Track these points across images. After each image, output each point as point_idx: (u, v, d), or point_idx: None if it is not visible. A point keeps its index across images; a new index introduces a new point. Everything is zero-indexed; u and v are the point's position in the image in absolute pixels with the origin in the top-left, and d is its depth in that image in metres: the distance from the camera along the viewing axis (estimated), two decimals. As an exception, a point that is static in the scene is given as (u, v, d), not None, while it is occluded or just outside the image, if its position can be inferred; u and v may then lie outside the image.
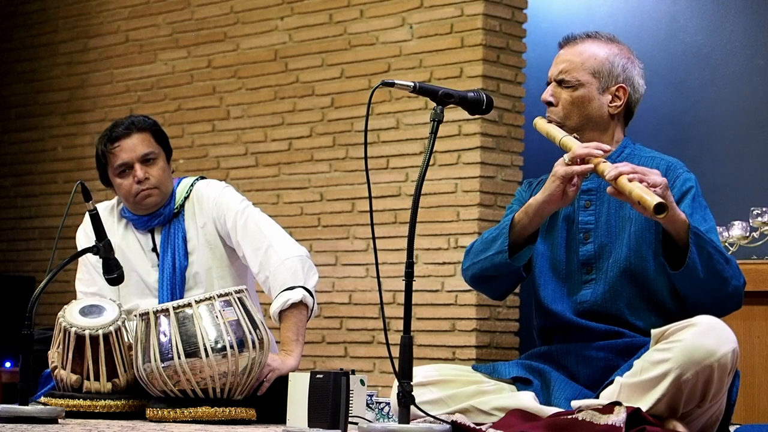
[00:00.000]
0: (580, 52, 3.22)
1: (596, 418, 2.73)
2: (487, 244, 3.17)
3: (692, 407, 2.85)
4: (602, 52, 3.21)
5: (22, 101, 7.79)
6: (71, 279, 4.09)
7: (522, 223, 3.11)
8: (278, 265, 3.79)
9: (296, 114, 6.43)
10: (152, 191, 3.89)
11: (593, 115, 3.20)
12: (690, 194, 3.10)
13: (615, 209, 3.17)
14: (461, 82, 5.78)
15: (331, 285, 6.14)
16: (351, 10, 6.26)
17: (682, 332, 2.83)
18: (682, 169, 3.16)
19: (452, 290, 5.77)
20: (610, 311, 3.12)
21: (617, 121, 3.24)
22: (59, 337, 3.59)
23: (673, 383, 2.80)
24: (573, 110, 3.20)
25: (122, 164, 3.87)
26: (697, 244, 2.92)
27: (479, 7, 5.81)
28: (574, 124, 3.20)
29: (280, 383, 3.57)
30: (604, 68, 3.20)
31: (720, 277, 2.97)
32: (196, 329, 3.45)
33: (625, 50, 3.25)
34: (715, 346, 2.78)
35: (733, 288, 3.00)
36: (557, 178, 3.04)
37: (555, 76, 3.24)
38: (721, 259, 2.97)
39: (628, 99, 3.22)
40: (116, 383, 3.59)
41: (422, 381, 3.08)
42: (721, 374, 2.80)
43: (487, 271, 3.18)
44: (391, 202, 6.00)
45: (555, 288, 3.21)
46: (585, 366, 3.12)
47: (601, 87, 3.20)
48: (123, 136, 3.87)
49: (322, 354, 6.19)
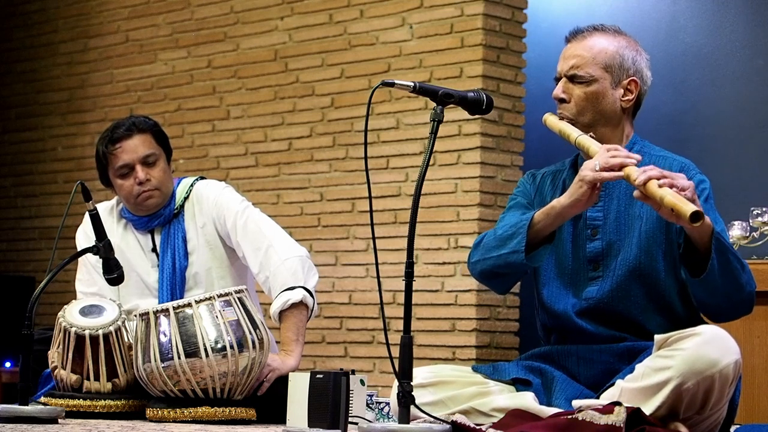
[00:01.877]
0: (590, 46, 3.17)
1: (596, 418, 2.73)
2: (502, 241, 3.10)
3: (692, 414, 2.84)
4: (612, 45, 3.16)
5: (22, 101, 7.79)
6: (71, 279, 4.09)
7: (542, 224, 3.05)
8: (278, 266, 3.79)
9: (296, 114, 6.43)
10: (153, 192, 3.89)
11: (607, 111, 3.15)
12: (703, 196, 3.06)
13: (624, 206, 3.13)
14: (461, 82, 5.77)
15: (331, 285, 6.14)
16: (351, 10, 6.26)
17: (685, 341, 2.82)
18: (695, 171, 3.13)
19: (452, 290, 5.77)
20: (616, 310, 3.10)
21: (627, 116, 3.21)
22: (59, 337, 3.58)
23: (673, 391, 2.79)
24: (587, 106, 3.15)
25: (123, 165, 3.87)
26: (719, 250, 2.88)
27: (479, 7, 5.81)
28: (587, 120, 3.15)
29: (280, 383, 3.57)
30: (615, 62, 3.15)
31: (737, 284, 2.94)
32: (196, 329, 3.45)
33: (632, 42, 3.21)
34: (718, 356, 2.77)
35: (747, 294, 2.97)
36: (585, 183, 2.98)
37: (566, 72, 3.17)
38: (738, 265, 2.93)
39: (639, 92, 3.18)
40: (116, 383, 3.59)
41: (421, 383, 3.06)
42: (722, 385, 2.79)
43: (500, 268, 3.13)
44: (391, 202, 6.00)
45: (559, 285, 3.18)
46: (585, 367, 3.11)
47: (613, 81, 3.15)
48: (124, 137, 3.87)
49: (322, 354, 6.19)
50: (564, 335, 3.18)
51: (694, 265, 2.95)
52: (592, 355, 3.10)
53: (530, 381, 3.10)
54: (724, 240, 2.91)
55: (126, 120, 3.94)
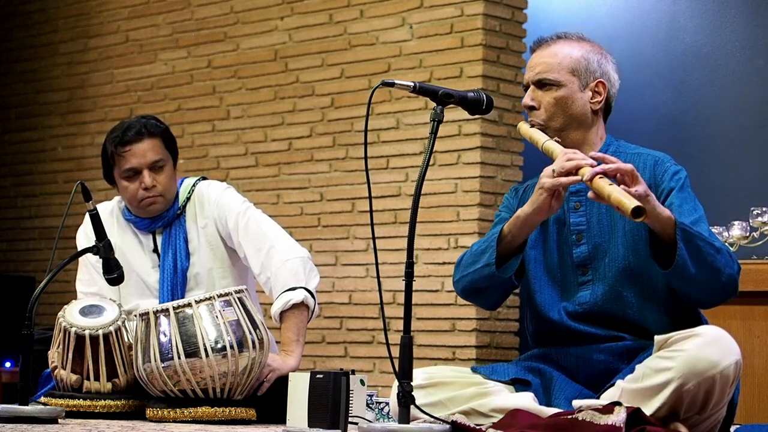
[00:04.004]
0: (555, 52, 3.22)
1: (596, 418, 2.73)
2: (476, 256, 3.16)
3: (692, 414, 2.85)
4: (576, 50, 3.21)
5: (22, 101, 7.78)
6: (71, 279, 4.09)
7: (511, 235, 3.11)
8: (280, 266, 3.79)
9: (296, 114, 6.43)
10: (157, 199, 3.88)
11: (577, 114, 3.19)
12: (678, 186, 3.09)
13: (606, 208, 3.14)
14: (461, 82, 5.77)
15: (331, 285, 6.14)
16: (351, 10, 6.26)
17: (685, 342, 2.82)
18: (670, 163, 3.15)
19: (452, 290, 5.75)
20: (610, 312, 3.11)
21: (599, 117, 3.24)
22: (59, 337, 3.58)
23: (674, 392, 2.79)
24: (557, 111, 3.18)
25: (130, 168, 3.86)
26: (685, 240, 2.90)
27: (479, 7, 5.81)
28: (558, 125, 3.19)
29: (280, 383, 3.57)
30: (581, 65, 3.19)
31: (713, 269, 2.95)
32: (196, 329, 3.45)
33: (596, 47, 3.26)
34: (719, 358, 2.78)
35: (728, 277, 2.97)
36: (545, 191, 3.02)
37: (532, 79, 3.22)
38: (711, 250, 2.94)
39: (608, 94, 3.22)
40: (116, 383, 3.59)
41: (421, 383, 3.06)
42: (723, 385, 2.80)
43: (477, 283, 3.18)
44: (391, 202, 6.00)
45: (551, 293, 3.19)
46: (585, 368, 3.11)
47: (581, 85, 3.19)
48: (134, 140, 3.85)
49: (322, 354, 6.19)
50: (561, 339, 3.18)
51: (663, 257, 2.96)
52: (591, 355, 3.11)
53: (529, 381, 3.10)
54: (690, 229, 2.92)
55: (137, 122, 3.90)
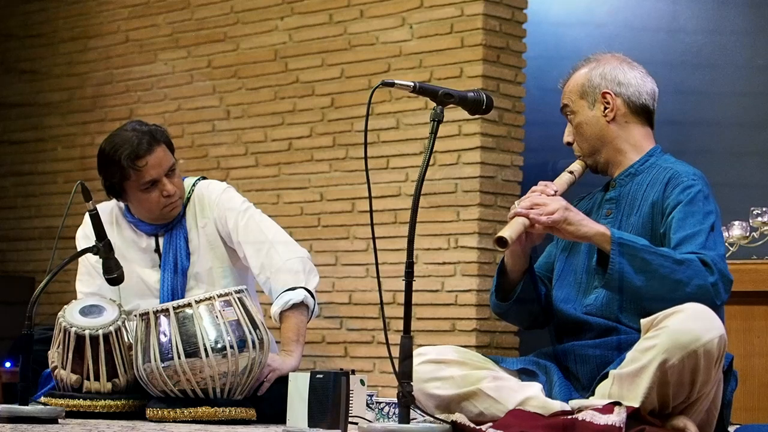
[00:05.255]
0: (570, 85, 3.32)
1: (596, 418, 2.73)
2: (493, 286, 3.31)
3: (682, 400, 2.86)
4: (580, 74, 3.29)
5: (22, 101, 7.78)
6: (71, 279, 4.09)
7: (508, 267, 3.25)
8: (280, 266, 3.79)
9: (296, 114, 6.43)
10: (177, 202, 3.90)
11: (594, 134, 3.25)
12: (687, 200, 3.10)
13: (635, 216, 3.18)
14: (461, 82, 5.77)
15: (331, 285, 6.14)
16: (351, 10, 6.26)
17: (669, 318, 2.86)
18: (686, 177, 3.15)
19: (452, 290, 5.76)
20: (603, 315, 3.16)
21: (624, 127, 3.25)
22: (59, 337, 3.59)
23: (659, 369, 2.81)
24: (579, 138, 3.28)
25: (150, 180, 3.85)
26: (626, 254, 2.96)
27: (479, 7, 5.80)
28: (587, 151, 3.29)
29: (280, 383, 3.57)
30: (585, 87, 3.27)
31: (670, 281, 2.96)
32: (196, 329, 3.45)
33: (602, 60, 3.29)
34: (701, 331, 2.80)
35: (696, 287, 2.95)
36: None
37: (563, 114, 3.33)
38: (666, 262, 2.96)
39: (621, 98, 3.23)
40: (116, 383, 3.59)
41: (433, 358, 3.12)
42: (707, 361, 2.82)
43: (494, 308, 3.35)
44: (391, 202, 5.99)
45: (569, 291, 3.25)
46: (583, 364, 3.15)
47: (589, 104, 3.26)
48: (148, 152, 3.82)
49: (322, 354, 6.19)
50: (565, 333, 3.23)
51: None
52: (587, 351, 3.15)
53: (536, 372, 3.16)
54: (633, 243, 2.97)
55: (141, 133, 3.85)
